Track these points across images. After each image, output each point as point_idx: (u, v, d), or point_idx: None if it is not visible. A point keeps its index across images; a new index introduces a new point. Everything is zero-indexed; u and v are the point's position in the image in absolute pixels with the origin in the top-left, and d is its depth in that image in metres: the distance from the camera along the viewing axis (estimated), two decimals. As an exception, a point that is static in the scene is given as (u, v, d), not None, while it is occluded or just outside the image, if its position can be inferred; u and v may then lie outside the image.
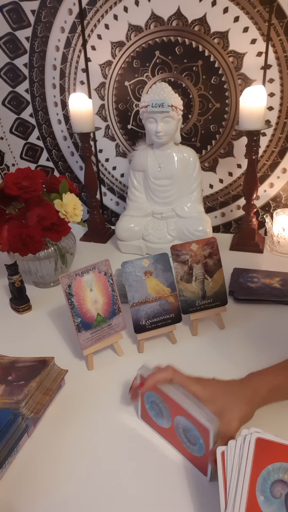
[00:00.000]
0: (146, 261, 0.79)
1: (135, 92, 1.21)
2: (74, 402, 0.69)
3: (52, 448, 0.61)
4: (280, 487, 0.42)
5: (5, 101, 1.35)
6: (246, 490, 0.42)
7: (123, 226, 1.18)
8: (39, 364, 0.71)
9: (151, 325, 0.79)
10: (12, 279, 0.92)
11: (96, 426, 0.65)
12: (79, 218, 0.98)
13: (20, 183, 0.90)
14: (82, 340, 0.74)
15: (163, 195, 1.16)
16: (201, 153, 1.23)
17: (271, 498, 0.41)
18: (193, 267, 0.81)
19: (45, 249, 0.97)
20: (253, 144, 1.07)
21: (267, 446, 0.43)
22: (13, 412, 0.61)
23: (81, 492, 0.55)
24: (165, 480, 0.56)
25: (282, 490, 0.42)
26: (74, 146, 1.36)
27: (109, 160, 1.34)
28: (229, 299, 0.87)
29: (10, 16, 1.22)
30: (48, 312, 0.95)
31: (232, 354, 0.78)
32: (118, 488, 0.55)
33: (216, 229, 1.31)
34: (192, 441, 0.55)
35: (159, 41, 1.12)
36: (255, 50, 1.06)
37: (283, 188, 1.20)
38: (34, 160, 1.43)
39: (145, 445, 0.61)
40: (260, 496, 0.41)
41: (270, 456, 0.43)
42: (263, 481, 0.42)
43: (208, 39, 1.08)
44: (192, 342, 0.83)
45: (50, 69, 1.26)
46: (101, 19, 1.15)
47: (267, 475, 0.42)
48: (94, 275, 0.75)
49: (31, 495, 0.55)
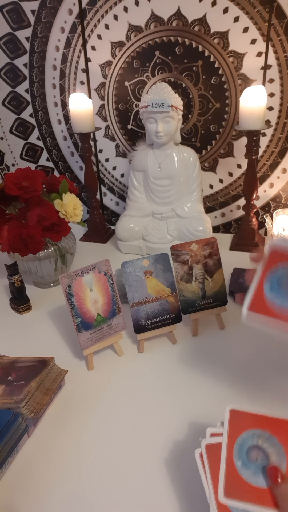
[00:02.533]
0: (146, 261, 0.79)
1: (135, 92, 1.21)
2: (74, 402, 0.69)
3: (52, 448, 0.61)
4: (255, 452, 0.46)
5: (5, 101, 1.35)
6: (224, 457, 0.45)
7: (123, 226, 1.18)
8: (39, 364, 0.71)
9: (151, 325, 0.79)
10: (12, 279, 0.92)
11: (96, 426, 0.65)
12: (79, 218, 0.98)
13: (20, 183, 0.90)
14: (82, 340, 0.74)
15: (163, 195, 1.16)
16: (201, 153, 1.23)
17: (248, 463, 0.45)
18: (193, 267, 0.81)
19: (45, 249, 0.97)
20: (253, 144, 1.07)
21: (240, 416, 0.47)
22: (13, 412, 0.61)
23: (81, 492, 0.55)
24: (165, 479, 0.56)
25: (257, 454, 0.45)
26: (74, 146, 1.36)
27: (109, 160, 1.34)
28: (229, 299, 0.87)
29: (10, 16, 1.22)
30: (48, 312, 0.95)
31: (232, 354, 0.78)
32: (118, 488, 0.55)
33: (216, 229, 1.31)
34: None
35: (159, 41, 1.12)
36: (255, 50, 1.06)
37: (283, 188, 1.20)
38: (34, 160, 1.43)
39: (145, 445, 0.61)
40: (237, 462, 0.45)
41: (244, 425, 0.47)
42: (239, 447, 0.46)
43: (208, 39, 1.08)
44: (192, 342, 0.83)
45: (50, 69, 1.26)
46: (101, 19, 1.15)
47: (243, 442, 0.46)
48: (94, 275, 0.75)
49: (31, 495, 0.55)
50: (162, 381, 0.72)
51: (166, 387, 0.71)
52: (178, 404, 0.67)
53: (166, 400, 0.68)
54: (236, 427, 0.47)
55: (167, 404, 0.67)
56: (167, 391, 0.70)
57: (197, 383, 0.71)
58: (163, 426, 0.63)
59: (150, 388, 0.71)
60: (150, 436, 0.62)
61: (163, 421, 0.64)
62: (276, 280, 0.48)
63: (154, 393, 0.70)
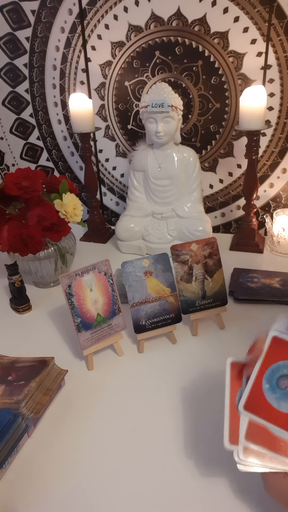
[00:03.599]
0: (146, 261, 0.79)
1: (135, 92, 1.21)
2: (74, 402, 0.69)
3: (52, 448, 0.61)
4: (286, 381, 0.46)
5: (5, 101, 1.35)
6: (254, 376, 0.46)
7: (123, 226, 1.18)
8: (39, 364, 0.71)
9: (151, 325, 0.79)
10: (12, 279, 0.92)
11: (96, 426, 0.65)
12: (79, 218, 0.98)
13: (20, 183, 0.90)
14: (82, 340, 0.74)
15: (163, 195, 1.16)
16: (201, 153, 1.23)
17: (276, 388, 0.46)
18: (193, 267, 0.81)
19: (45, 249, 0.97)
20: (253, 144, 1.07)
21: (281, 345, 0.48)
22: (13, 412, 0.61)
23: (81, 492, 0.55)
24: (166, 479, 0.56)
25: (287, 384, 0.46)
26: (74, 146, 1.36)
27: (109, 160, 1.34)
28: (229, 299, 0.87)
29: (10, 16, 1.22)
30: (48, 312, 0.95)
31: (232, 354, 0.77)
32: (118, 488, 0.55)
33: (216, 229, 1.31)
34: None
35: (159, 41, 1.12)
36: (255, 50, 1.06)
37: (283, 188, 1.20)
38: (34, 160, 1.43)
39: (146, 445, 0.61)
40: (265, 384, 0.46)
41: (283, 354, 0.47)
42: (271, 372, 0.46)
43: (208, 39, 1.08)
44: (192, 342, 0.83)
45: (50, 69, 1.26)
46: (101, 19, 1.15)
47: (276, 369, 0.47)
48: (94, 275, 0.75)
49: (31, 495, 0.55)
50: (162, 381, 0.72)
51: (166, 387, 0.71)
52: (178, 404, 0.67)
53: (166, 400, 0.68)
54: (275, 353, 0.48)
55: (167, 404, 0.67)
56: (167, 391, 0.70)
57: (197, 383, 0.71)
58: (163, 426, 0.63)
59: (150, 388, 0.71)
60: (150, 436, 0.62)
61: (163, 421, 0.64)
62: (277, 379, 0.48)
63: (154, 393, 0.70)
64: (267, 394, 0.46)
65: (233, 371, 0.51)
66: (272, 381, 0.46)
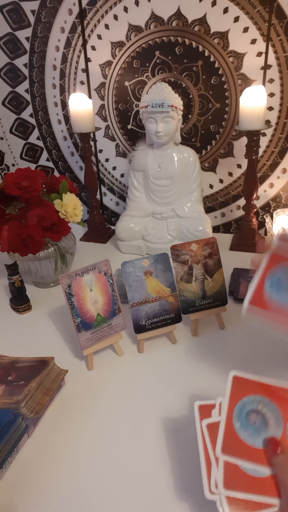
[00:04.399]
0: (146, 261, 0.79)
1: (135, 92, 1.21)
2: (74, 402, 0.69)
3: (52, 448, 0.61)
4: (254, 415, 0.48)
5: (5, 101, 1.35)
6: (224, 417, 0.48)
7: (123, 226, 1.18)
8: (39, 364, 0.71)
9: (151, 325, 0.79)
10: (12, 279, 0.92)
11: (96, 426, 0.65)
12: (79, 218, 0.98)
13: (20, 183, 0.90)
14: (82, 340, 0.74)
15: (163, 195, 1.16)
16: (201, 153, 1.23)
17: (246, 425, 0.47)
18: (193, 267, 0.81)
19: (45, 249, 0.97)
20: (253, 144, 1.07)
21: (242, 382, 0.50)
22: (13, 412, 0.61)
23: (81, 492, 0.55)
24: (166, 480, 0.56)
25: (256, 418, 0.48)
26: (74, 146, 1.36)
27: (109, 160, 1.34)
28: (229, 299, 0.87)
29: (10, 16, 1.22)
30: (48, 312, 0.95)
31: (232, 354, 0.78)
32: (118, 487, 0.55)
33: (216, 229, 1.31)
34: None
35: (159, 41, 1.12)
36: (255, 50, 1.06)
37: (283, 188, 1.20)
38: (34, 160, 1.43)
39: (146, 445, 0.61)
40: (236, 423, 0.47)
41: (245, 391, 0.49)
42: (239, 410, 0.48)
43: (208, 39, 1.08)
44: (192, 342, 0.83)
45: (50, 69, 1.26)
46: (101, 19, 1.15)
47: (243, 406, 0.49)
48: (94, 275, 0.75)
49: (31, 495, 0.55)
50: (162, 381, 0.72)
51: (166, 387, 0.71)
52: (178, 404, 0.67)
53: (166, 400, 0.68)
54: (238, 391, 0.49)
55: (167, 405, 0.67)
56: (167, 391, 0.70)
57: (197, 383, 0.71)
58: (163, 427, 0.63)
59: (150, 388, 0.71)
60: (150, 436, 0.62)
61: (163, 422, 0.64)
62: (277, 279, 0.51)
63: (154, 393, 0.70)
64: (239, 432, 0.47)
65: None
66: (242, 418, 0.48)
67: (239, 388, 0.50)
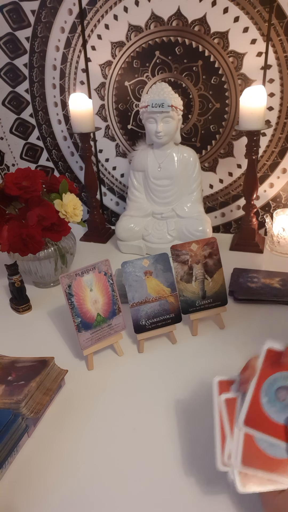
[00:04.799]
0: (146, 261, 0.79)
1: (135, 92, 1.21)
2: (74, 402, 0.69)
3: (52, 448, 0.61)
4: (284, 393, 0.46)
5: (5, 101, 1.35)
6: (251, 391, 0.46)
7: (123, 226, 1.18)
8: (39, 364, 0.71)
9: (151, 325, 0.79)
10: (12, 279, 0.92)
11: (96, 426, 0.65)
12: (79, 218, 0.98)
13: (20, 183, 0.90)
14: (82, 340, 0.74)
15: (163, 195, 1.16)
16: (201, 153, 1.23)
17: (274, 401, 0.46)
18: (193, 267, 0.81)
19: (45, 249, 0.97)
20: (253, 144, 1.07)
21: (276, 357, 0.48)
22: (13, 412, 0.61)
23: (81, 492, 0.55)
24: (166, 479, 0.56)
25: (285, 395, 0.46)
26: (74, 146, 1.36)
27: (109, 160, 1.34)
28: (229, 299, 0.87)
29: (10, 16, 1.22)
30: (48, 312, 0.95)
31: (232, 354, 0.78)
32: (118, 487, 0.55)
33: (216, 229, 1.31)
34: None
35: (159, 41, 1.12)
36: (255, 50, 1.06)
37: (283, 188, 1.20)
38: (34, 160, 1.43)
39: (146, 445, 0.61)
40: (264, 398, 0.46)
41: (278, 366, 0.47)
42: (269, 385, 0.46)
43: (208, 39, 1.08)
44: (192, 342, 0.83)
45: (50, 69, 1.26)
46: (101, 19, 1.15)
47: (274, 381, 0.47)
48: (94, 275, 0.75)
49: (31, 495, 0.55)
50: (162, 381, 0.72)
51: (166, 387, 0.71)
52: (178, 405, 0.67)
53: (166, 401, 0.68)
54: (270, 365, 0.48)
55: (167, 405, 0.67)
56: (167, 391, 0.70)
57: (197, 383, 0.71)
58: (163, 427, 0.63)
59: (150, 388, 0.71)
60: (150, 436, 0.62)
61: (163, 421, 0.64)
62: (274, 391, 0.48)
63: (154, 393, 0.70)
64: (266, 407, 0.46)
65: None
66: (270, 394, 0.46)
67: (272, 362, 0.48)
